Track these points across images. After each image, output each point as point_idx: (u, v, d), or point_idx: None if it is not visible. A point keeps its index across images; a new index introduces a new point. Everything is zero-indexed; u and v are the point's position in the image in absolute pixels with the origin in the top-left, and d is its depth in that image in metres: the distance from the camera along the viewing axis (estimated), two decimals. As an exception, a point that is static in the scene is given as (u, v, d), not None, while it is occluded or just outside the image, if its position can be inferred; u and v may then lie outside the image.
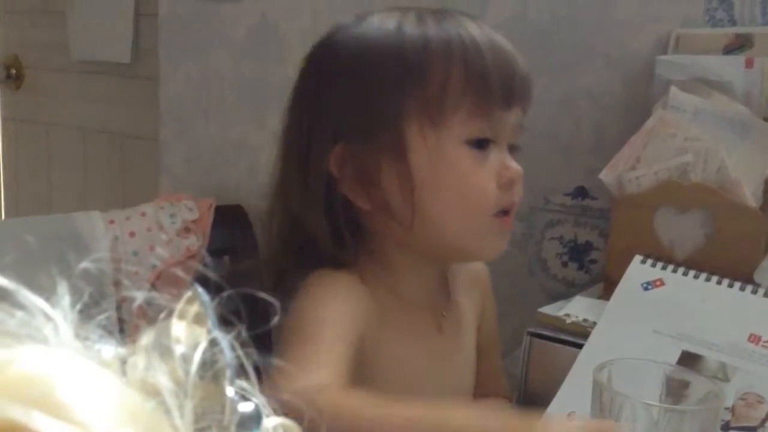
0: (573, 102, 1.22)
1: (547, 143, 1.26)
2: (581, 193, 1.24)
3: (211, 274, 0.25)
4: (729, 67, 0.95)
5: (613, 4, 1.16)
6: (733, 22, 1.04)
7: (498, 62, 0.64)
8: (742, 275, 0.88)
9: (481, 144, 0.64)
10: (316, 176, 0.65)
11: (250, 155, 1.60)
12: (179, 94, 1.71)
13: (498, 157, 0.66)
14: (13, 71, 2.27)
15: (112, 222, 1.11)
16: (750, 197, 0.91)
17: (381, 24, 0.66)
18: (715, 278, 0.84)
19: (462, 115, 0.63)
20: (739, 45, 1.01)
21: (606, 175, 1.01)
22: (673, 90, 0.95)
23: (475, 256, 0.73)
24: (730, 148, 0.91)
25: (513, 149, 0.69)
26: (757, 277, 0.90)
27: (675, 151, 0.93)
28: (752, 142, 0.92)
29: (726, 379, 0.71)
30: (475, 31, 0.65)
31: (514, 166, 0.67)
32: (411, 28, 0.64)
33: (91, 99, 2.16)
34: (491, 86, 0.63)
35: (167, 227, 1.18)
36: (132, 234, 1.14)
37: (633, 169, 0.97)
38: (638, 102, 1.13)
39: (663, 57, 1.02)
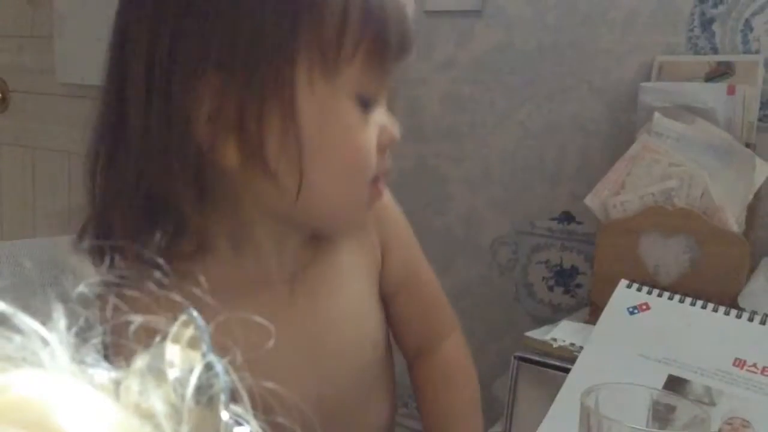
0: (558, 129, 1.24)
1: (533, 169, 1.27)
2: (567, 217, 1.25)
3: (206, 298, 0.26)
4: (711, 94, 0.97)
5: (596, 32, 1.18)
6: (714, 50, 1.06)
7: (394, 4, 0.56)
8: (727, 299, 0.89)
9: (366, 101, 0.56)
10: (172, 113, 0.52)
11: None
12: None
13: (379, 116, 0.58)
14: (-1, 95, 2.26)
15: (97, 246, 1.10)
16: (733, 222, 0.92)
17: None
18: (700, 303, 0.84)
19: (357, 64, 0.54)
20: (720, 73, 1.03)
21: (591, 201, 1.02)
22: (657, 116, 0.97)
23: (343, 227, 0.64)
24: (713, 173, 0.93)
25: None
26: (741, 302, 0.91)
27: (659, 177, 0.95)
28: (735, 168, 0.93)
29: (712, 404, 0.71)
30: None
31: (394, 128, 0.59)
32: None
33: (77, 122, 2.15)
34: (389, 33, 0.55)
35: (153, 251, 1.18)
36: (118, 258, 1.13)
37: (617, 194, 0.98)
38: (622, 128, 1.14)
39: (646, 84, 1.03)
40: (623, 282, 0.88)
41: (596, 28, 1.18)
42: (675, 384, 0.73)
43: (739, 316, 0.82)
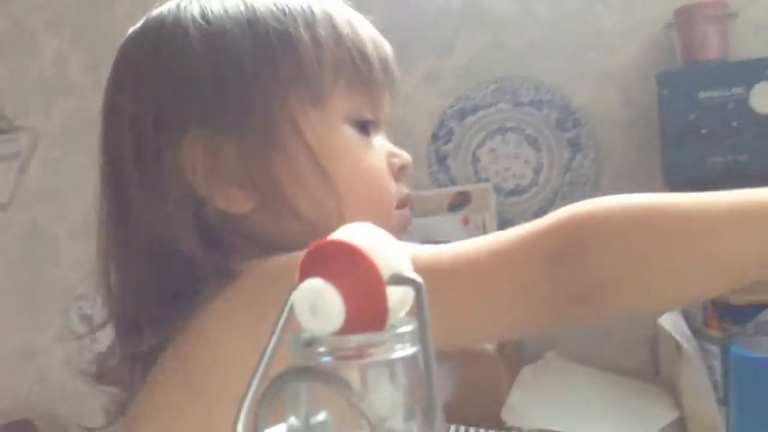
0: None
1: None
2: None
3: None
4: (450, 226, 1.07)
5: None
6: (453, 182, 1.18)
7: (370, 34, 0.58)
8: (493, 417, 0.95)
9: (364, 127, 0.57)
10: (165, 175, 0.53)
11: (36, 362, 1.53)
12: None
13: (383, 143, 0.58)
14: None
15: None
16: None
17: (224, 1, 0.57)
18: (462, 428, 0.90)
19: (341, 91, 0.56)
20: (459, 202, 1.13)
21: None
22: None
23: None
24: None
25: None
26: (505, 417, 0.97)
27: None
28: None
29: None
30: (335, 1, 0.59)
31: (403, 152, 0.59)
32: (262, 1, 0.56)
33: None
34: (367, 58, 0.57)
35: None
36: None
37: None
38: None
39: (396, 223, 1.12)
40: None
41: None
42: None
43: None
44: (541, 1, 1.14)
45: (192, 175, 0.53)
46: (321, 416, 0.22)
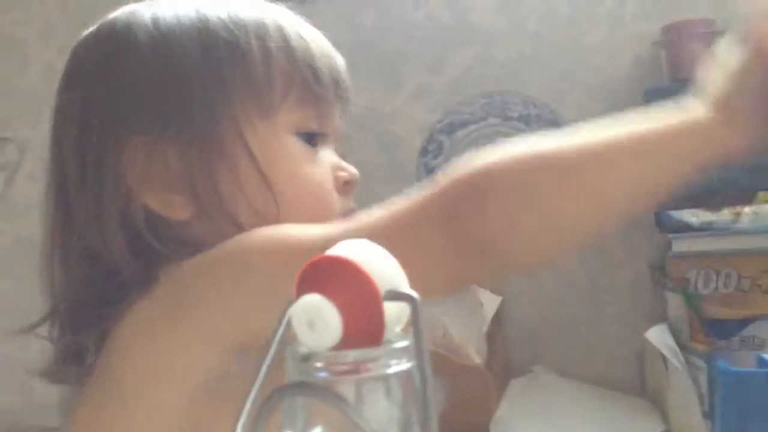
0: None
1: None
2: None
3: None
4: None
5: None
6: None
7: (321, 48, 0.58)
8: (483, 429, 0.96)
9: (310, 138, 0.57)
10: (106, 181, 0.53)
11: (21, 374, 1.51)
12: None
13: (330, 156, 0.59)
14: None
15: None
16: (476, 355, 1.00)
17: (177, 10, 0.57)
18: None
19: (291, 103, 0.56)
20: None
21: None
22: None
23: None
24: (448, 313, 1.01)
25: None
26: (494, 429, 0.98)
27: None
28: (466, 304, 1.02)
29: None
30: (289, 14, 0.59)
31: (351, 166, 0.59)
32: (215, 11, 0.56)
33: None
34: (319, 73, 0.57)
35: None
36: None
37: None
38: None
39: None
40: None
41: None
42: None
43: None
44: (531, 16, 1.15)
45: (132, 181, 0.53)
46: (317, 431, 0.22)
